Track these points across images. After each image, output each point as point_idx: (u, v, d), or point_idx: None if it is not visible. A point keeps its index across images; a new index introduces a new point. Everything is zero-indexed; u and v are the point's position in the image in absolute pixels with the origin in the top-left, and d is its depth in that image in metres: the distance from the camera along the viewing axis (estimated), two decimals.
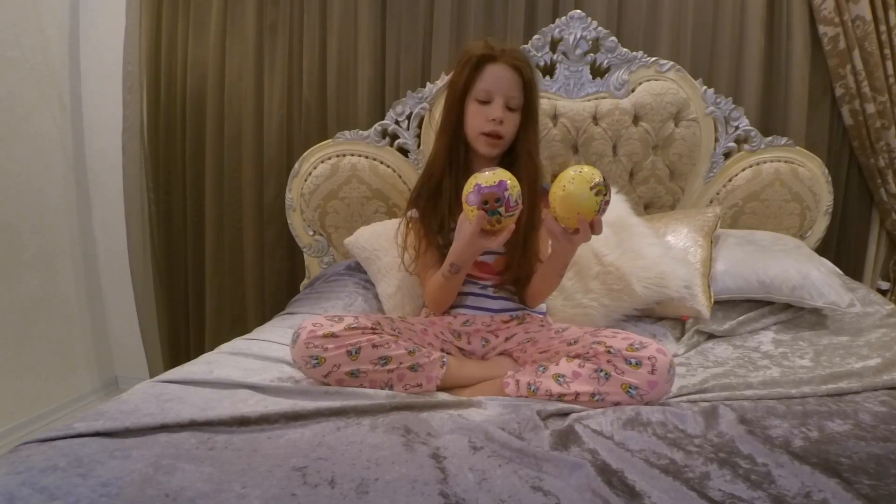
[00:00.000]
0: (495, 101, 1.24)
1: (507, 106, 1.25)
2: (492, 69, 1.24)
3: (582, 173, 1.02)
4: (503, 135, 1.26)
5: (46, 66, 2.09)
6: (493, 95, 1.24)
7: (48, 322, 2.15)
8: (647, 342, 1.03)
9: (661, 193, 1.94)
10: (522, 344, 1.23)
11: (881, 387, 1.08)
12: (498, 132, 1.24)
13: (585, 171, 1.03)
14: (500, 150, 1.30)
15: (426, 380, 1.11)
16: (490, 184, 1.04)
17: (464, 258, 1.14)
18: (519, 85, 1.25)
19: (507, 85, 1.24)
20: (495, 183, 1.04)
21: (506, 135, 1.27)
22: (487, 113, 1.23)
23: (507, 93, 1.24)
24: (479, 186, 1.04)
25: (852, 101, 1.87)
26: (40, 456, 0.78)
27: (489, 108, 1.24)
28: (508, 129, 1.26)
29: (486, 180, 1.04)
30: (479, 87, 1.25)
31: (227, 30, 2.05)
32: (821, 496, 0.74)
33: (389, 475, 0.77)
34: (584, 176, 1.02)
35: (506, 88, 1.24)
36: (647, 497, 0.74)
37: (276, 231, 2.12)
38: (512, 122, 1.27)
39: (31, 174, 2.05)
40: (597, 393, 1.02)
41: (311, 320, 1.09)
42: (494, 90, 1.23)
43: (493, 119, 1.23)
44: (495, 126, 1.23)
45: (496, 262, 1.31)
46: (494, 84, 1.24)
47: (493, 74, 1.24)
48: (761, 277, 1.55)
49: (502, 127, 1.24)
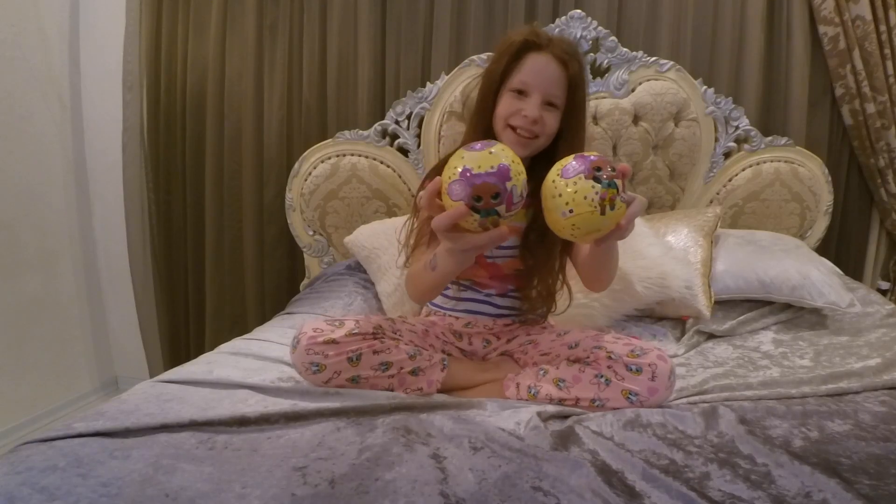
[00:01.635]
0: (533, 96, 1.09)
1: (547, 102, 1.10)
2: (534, 59, 1.10)
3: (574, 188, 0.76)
4: (539, 134, 1.11)
5: (46, 66, 2.09)
6: (530, 89, 1.09)
7: (48, 322, 2.14)
8: (648, 348, 1.02)
9: (661, 193, 1.94)
10: (524, 345, 1.22)
11: (881, 387, 1.08)
12: (532, 131, 1.10)
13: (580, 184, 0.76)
14: (530, 152, 1.14)
15: (427, 384, 1.10)
16: (484, 169, 0.75)
17: (446, 264, 0.96)
18: (563, 81, 1.10)
19: (548, 79, 1.09)
20: (492, 168, 0.75)
21: (540, 135, 1.12)
22: (521, 108, 1.09)
23: (548, 89, 1.09)
24: (468, 173, 0.75)
25: (852, 101, 1.87)
26: (40, 456, 0.78)
27: (524, 103, 1.09)
28: (544, 128, 1.11)
29: (477, 162, 0.75)
30: (516, 77, 1.10)
31: (227, 30, 2.05)
32: (821, 496, 0.74)
33: (389, 475, 0.77)
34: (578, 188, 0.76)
35: (547, 83, 1.09)
36: (647, 497, 0.74)
37: (276, 231, 2.12)
38: (549, 122, 1.12)
39: (31, 174, 2.06)
40: (597, 398, 1.02)
41: (312, 325, 1.06)
42: (533, 83, 1.09)
43: (526, 116, 1.09)
44: (528, 124, 1.09)
45: (506, 264, 1.21)
46: (534, 76, 1.09)
47: (535, 65, 1.10)
48: (761, 277, 1.55)
49: (536, 126, 1.10)
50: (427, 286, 1.08)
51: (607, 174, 0.77)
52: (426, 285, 1.08)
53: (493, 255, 1.20)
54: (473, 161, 0.76)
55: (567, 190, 0.80)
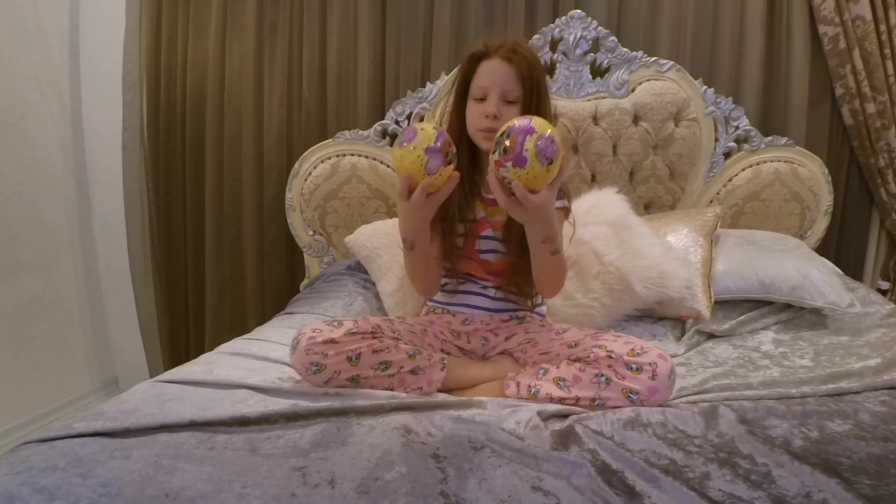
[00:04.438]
0: (490, 96, 1.19)
1: (505, 100, 1.19)
2: (486, 65, 1.21)
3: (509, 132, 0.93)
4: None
5: (46, 66, 2.09)
6: (488, 91, 1.20)
7: (48, 322, 2.14)
8: (648, 347, 1.02)
9: (661, 193, 1.94)
10: (523, 344, 1.23)
11: (881, 387, 1.08)
12: (493, 127, 1.18)
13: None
14: None
15: (427, 383, 1.10)
16: (431, 140, 0.97)
17: (409, 228, 1.10)
18: (514, 77, 1.19)
19: (501, 79, 1.19)
20: (435, 131, 0.98)
21: None
22: (483, 109, 1.20)
23: (503, 86, 1.19)
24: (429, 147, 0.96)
25: (852, 100, 1.87)
26: (40, 456, 0.78)
27: (484, 105, 1.20)
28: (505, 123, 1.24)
29: (424, 140, 0.97)
30: (475, 86, 1.22)
31: (227, 30, 2.05)
32: (821, 496, 0.74)
33: (389, 475, 0.77)
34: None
35: (500, 82, 1.19)
36: (647, 497, 0.74)
37: (276, 231, 2.12)
38: (510, 116, 1.18)
39: (31, 174, 2.05)
40: (597, 398, 1.02)
41: (311, 326, 1.08)
42: (489, 85, 1.19)
43: (487, 115, 1.18)
44: (490, 122, 1.18)
45: (498, 260, 1.27)
46: (489, 79, 1.20)
47: (488, 70, 1.20)
48: (761, 277, 1.54)
49: (498, 122, 1.17)
50: (417, 267, 1.22)
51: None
52: (416, 267, 1.22)
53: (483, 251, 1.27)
54: (420, 141, 0.97)
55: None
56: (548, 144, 0.92)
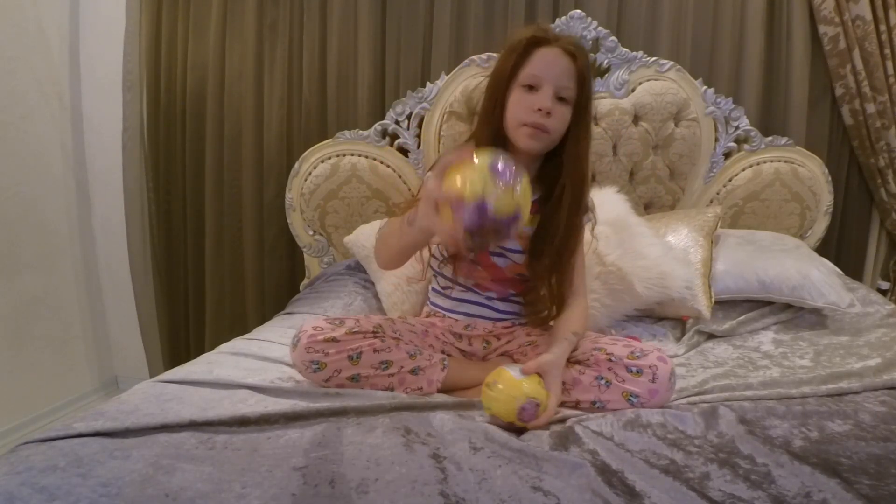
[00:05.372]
0: (544, 88, 1.06)
1: (558, 96, 1.07)
2: (543, 52, 1.07)
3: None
4: (550, 129, 1.08)
5: (46, 66, 2.09)
6: (541, 82, 1.06)
7: (48, 322, 2.14)
8: (648, 350, 1.02)
9: (661, 193, 1.94)
10: (523, 346, 1.22)
11: (881, 387, 1.08)
12: (544, 125, 1.07)
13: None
14: (542, 147, 1.11)
15: (427, 383, 1.10)
16: (501, 212, 0.75)
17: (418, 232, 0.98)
18: (573, 74, 1.07)
19: (559, 72, 1.06)
20: (509, 214, 0.76)
21: (553, 130, 1.09)
22: (533, 102, 1.06)
23: (559, 81, 1.06)
24: (486, 207, 0.74)
25: (852, 100, 1.87)
26: (40, 456, 0.78)
27: (536, 97, 1.06)
28: (556, 123, 1.08)
29: (498, 200, 0.75)
30: (526, 72, 1.08)
31: (227, 30, 2.05)
32: (821, 496, 0.74)
33: (389, 475, 0.77)
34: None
35: (557, 75, 1.06)
36: (647, 497, 0.74)
37: (276, 231, 2.12)
38: (561, 117, 1.09)
39: (32, 174, 2.05)
40: (597, 400, 1.02)
41: (312, 324, 1.06)
42: (544, 76, 1.06)
43: (539, 109, 1.05)
44: (541, 117, 1.06)
45: (508, 267, 1.20)
46: (545, 69, 1.06)
47: (544, 58, 1.07)
48: (761, 277, 1.54)
49: (549, 120, 1.07)
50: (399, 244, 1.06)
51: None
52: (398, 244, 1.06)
53: (495, 256, 1.20)
54: (494, 196, 0.74)
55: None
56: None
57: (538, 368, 0.98)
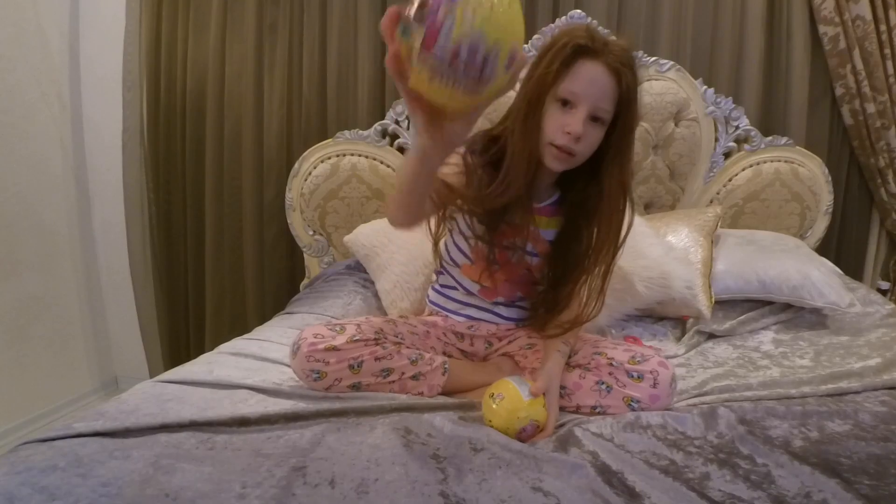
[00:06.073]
0: (579, 108, 0.99)
1: (592, 116, 1.00)
2: (587, 67, 0.99)
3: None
4: (576, 153, 1.02)
5: (46, 66, 2.09)
6: (578, 100, 0.99)
7: (48, 322, 2.14)
8: (649, 354, 1.02)
9: (661, 193, 1.94)
10: (523, 349, 1.22)
11: (881, 387, 1.08)
12: (571, 150, 1.01)
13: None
14: (566, 167, 1.05)
15: (428, 388, 1.09)
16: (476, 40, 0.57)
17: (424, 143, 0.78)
18: (613, 96, 1.00)
19: (598, 93, 0.99)
20: (486, 43, 0.58)
21: (579, 154, 1.02)
22: (565, 123, 1.00)
23: (596, 102, 0.99)
24: (445, 32, 0.57)
25: (852, 100, 1.87)
26: (40, 456, 0.78)
27: (568, 117, 1.00)
28: (584, 147, 1.02)
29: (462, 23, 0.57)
30: (564, 86, 1.00)
31: (227, 30, 2.05)
32: (821, 496, 0.74)
33: (389, 475, 0.77)
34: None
35: (596, 97, 0.99)
36: (647, 497, 0.74)
37: (276, 231, 2.12)
38: (592, 139, 1.03)
39: (32, 174, 2.05)
40: (598, 405, 1.02)
41: (312, 331, 1.04)
42: (581, 94, 0.99)
43: (569, 132, 0.99)
44: (570, 141, 1.00)
45: (522, 265, 1.16)
46: (584, 87, 0.99)
47: (587, 74, 0.99)
48: (761, 277, 1.54)
49: (578, 144, 1.01)
50: (404, 178, 0.88)
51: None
52: (403, 179, 0.89)
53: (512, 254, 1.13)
54: (455, 19, 0.58)
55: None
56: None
57: (545, 389, 0.99)
